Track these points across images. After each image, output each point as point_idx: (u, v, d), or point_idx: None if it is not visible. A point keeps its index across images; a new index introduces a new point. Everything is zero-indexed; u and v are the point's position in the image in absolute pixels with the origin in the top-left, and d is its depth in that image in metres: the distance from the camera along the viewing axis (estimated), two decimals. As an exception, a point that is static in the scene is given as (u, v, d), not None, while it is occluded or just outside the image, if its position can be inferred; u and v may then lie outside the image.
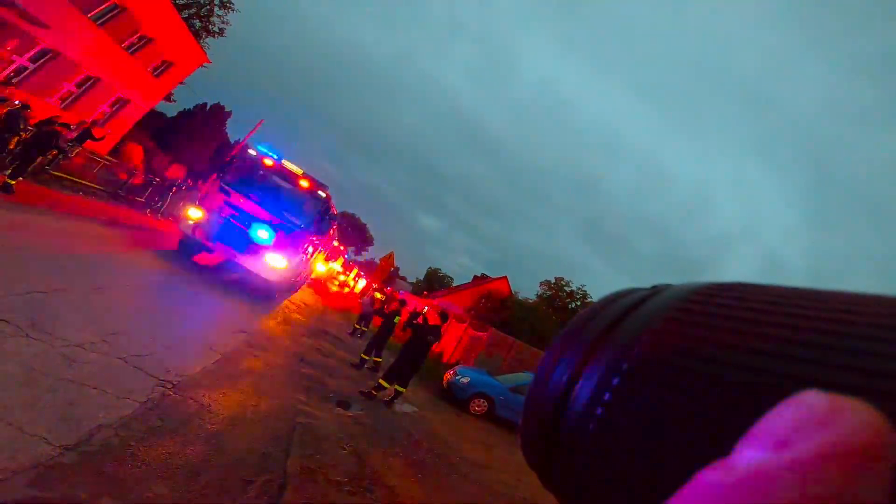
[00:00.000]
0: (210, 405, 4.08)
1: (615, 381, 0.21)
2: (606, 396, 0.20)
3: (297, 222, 9.83)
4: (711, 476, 0.14)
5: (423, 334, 7.41)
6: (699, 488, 0.14)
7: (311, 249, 11.53)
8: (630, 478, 0.19)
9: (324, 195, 10.40)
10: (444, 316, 7.78)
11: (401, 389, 7.25)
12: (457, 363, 14.38)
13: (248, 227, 9.39)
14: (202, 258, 10.12)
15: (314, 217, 10.21)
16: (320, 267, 19.55)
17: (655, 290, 0.25)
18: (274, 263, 9.50)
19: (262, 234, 9.44)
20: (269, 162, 10.04)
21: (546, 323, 27.52)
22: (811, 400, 0.14)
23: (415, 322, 7.74)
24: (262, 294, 10.18)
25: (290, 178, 10.23)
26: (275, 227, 9.55)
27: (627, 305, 0.24)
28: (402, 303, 10.43)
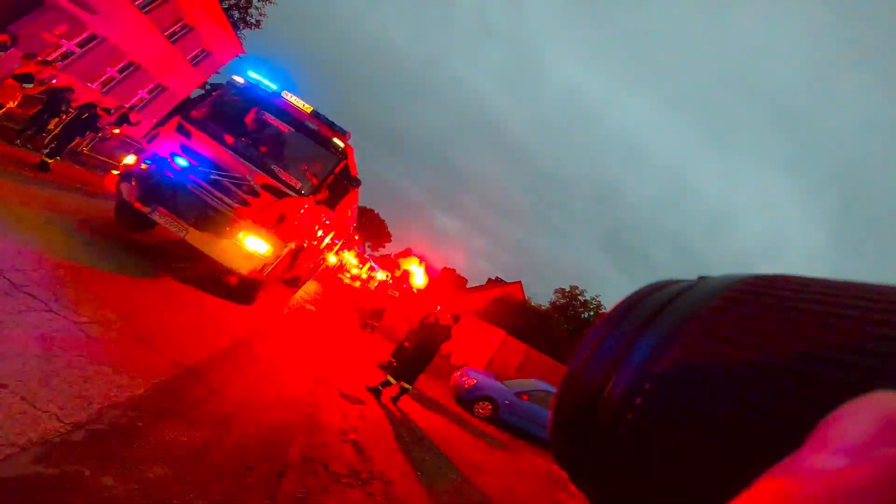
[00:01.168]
0: (219, 390, 4.20)
1: (658, 370, 0.19)
2: (647, 386, 0.19)
3: (296, 183, 6.44)
4: (778, 481, 0.13)
5: (434, 334, 7.41)
6: (765, 494, 0.13)
7: (318, 228, 8.58)
8: (672, 476, 0.17)
9: (342, 146, 6.96)
10: (456, 318, 7.82)
11: (406, 387, 7.28)
12: (464, 365, 14.35)
13: (213, 184, 6.07)
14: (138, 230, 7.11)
15: (324, 178, 6.79)
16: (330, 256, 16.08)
17: (696, 281, 0.23)
18: (252, 246, 6.22)
19: (230, 196, 6.12)
20: (259, 93, 6.84)
21: (558, 331, 27.29)
22: (888, 401, 0.13)
23: (426, 321, 7.78)
24: (235, 294, 6.95)
25: (292, 117, 6.88)
26: (255, 189, 6.21)
27: (670, 294, 0.23)
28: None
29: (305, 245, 8.04)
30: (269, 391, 4.83)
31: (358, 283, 31.50)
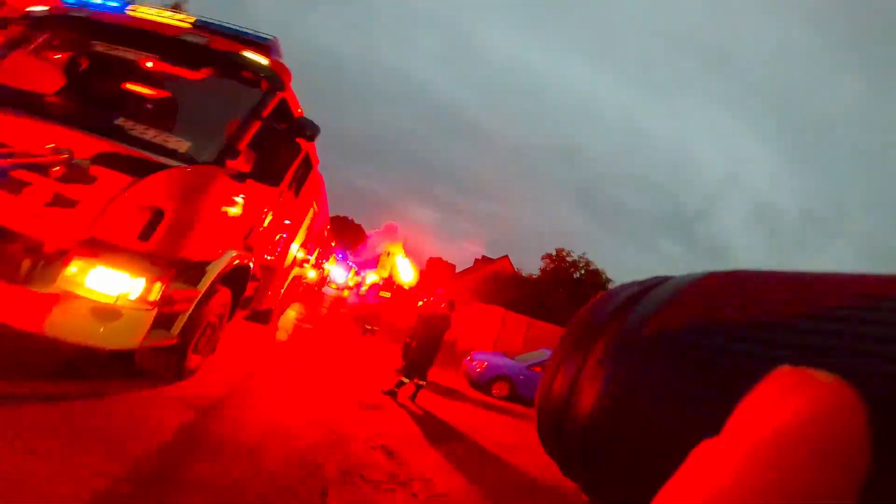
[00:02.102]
0: (242, 424, 4.19)
1: (620, 369, 0.21)
2: (612, 386, 0.21)
3: (179, 145, 3.57)
4: (702, 452, 0.15)
5: (434, 325, 7.44)
6: (693, 463, 0.15)
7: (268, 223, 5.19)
8: (641, 461, 0.20)
9: (266, 65, 4.00)
10: (451, 305, 7.85)
11: (420, 383, 7.30)
12: (471, 350, 14.50)
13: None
14: None
15: (243, 130, 3.80)
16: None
17: (653, 283, 0.26)
18: (101, 287, 3.15)
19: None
20: (86, 21, 4.02)
21: (554, 295, 27.61)
22: (784, 375, 0.16)
23: (423, 315, 7.80)
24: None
25: (157, 38, 3.95)
26: (84, 169, 3.20)
27: (629, 297, 0.25)
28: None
29: (251, 262, 4.90)
30: (289, 413, 4.84)
31: (346, 293, 31.00)
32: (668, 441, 0.19)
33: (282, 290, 7.97)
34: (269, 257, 5.97)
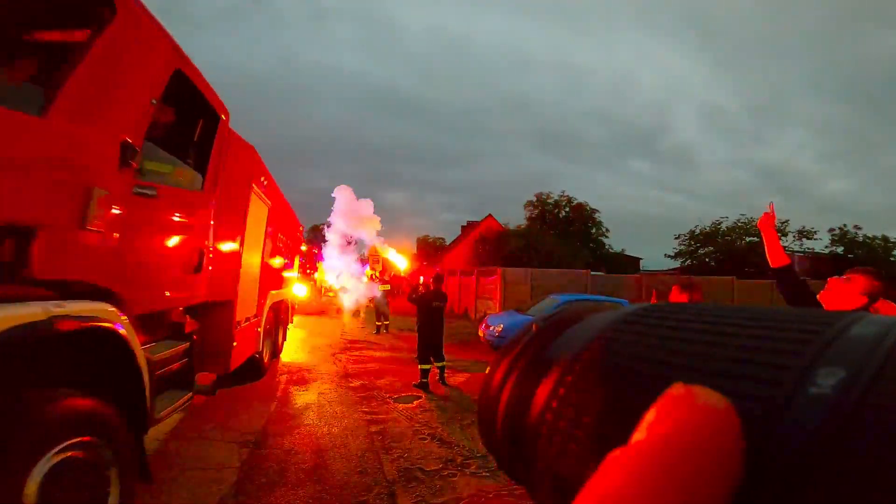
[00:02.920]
0: (292, 448, 4.37)
1: (560, 389, 0.23)
2: (553, 402, 0.23)
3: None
4: (609, 459, 0.17)
5: (429, 302, 7.34)
6: (603, 469, 0.17)
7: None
8: (567, 469, 0.22)
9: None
10: (438, 278, 7.69)
11: (441, 364, 7.35)
12: (485, 315, 14.66)
13: None
14: None
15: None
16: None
17: (578, 317, 0.29)
18: None
19: None
20: None
21: (545, 239, 27.85)
22: (677, 391, 0.18)
23: (414, 296, 7.65)
24: None
25: None
26: None
27: (559, 329, 0.28)
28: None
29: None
30: (332, 427, 5.03)
31: (331, 295, 30.12)
32: (589, 450, 0.21)
33: (259, 329, 6.27)
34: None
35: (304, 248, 12.64)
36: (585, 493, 0.17)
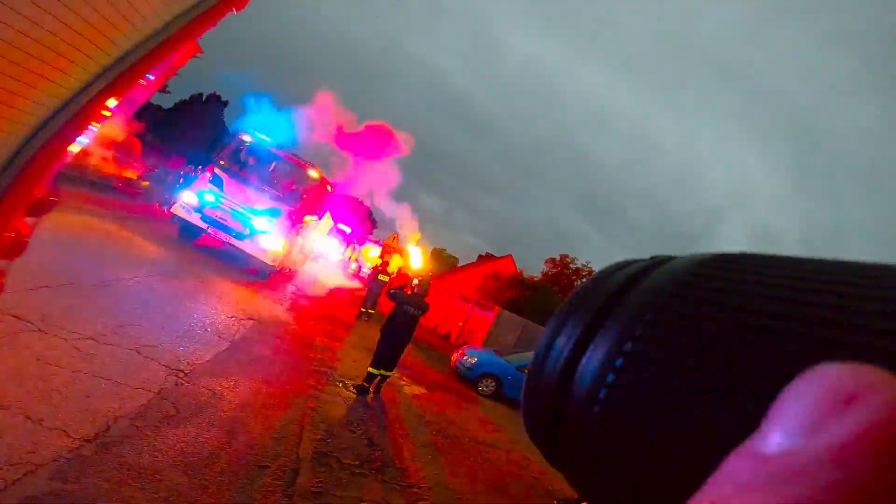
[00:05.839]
0: (222, 392, 4.17)
1: (625, 349, 0.19)
2: (618, 363, 0.19)
3: (288, 204, 10.70)
4: (742, 465, 0.13)
5: (403, 304, 6.34)
6: (731, 479, 0.13)
7: (308, 230, 12.25)
8: (643, 460, 0.17)
9: (317, 175, 11.39)
10: (425, 284, 6.73)
11: (386, 374, 6.40)
12: (464, 344, 14.48)
13: (241, 210, 10.19)
14: (203, 240, 10.69)
15: (306, 197, 11.12)
16: (322, 247, 18.39)
17: (661, 260, 0.23)
18: (269, 245, 10.30)
19: (255, 218, 10.22)
20: (260, 146, 10.94)
21: (554, 301, 27.60)
22: (833, 373, 0.13)
23: (392, 290, 6.71)
24: (257, 275, 10.49)
25: (282, 161, 11.11)
26: (267, 211, 10.33)
27: (633, 274, 0.22)
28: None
29: (300, 239, 11.52)
30: (272, 388, 4.81)
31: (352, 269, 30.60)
32: (682, 441, 0.16)
33: (301, 258, 14.27)
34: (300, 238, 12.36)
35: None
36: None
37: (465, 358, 10.73)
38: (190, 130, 32.50)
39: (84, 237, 6.73)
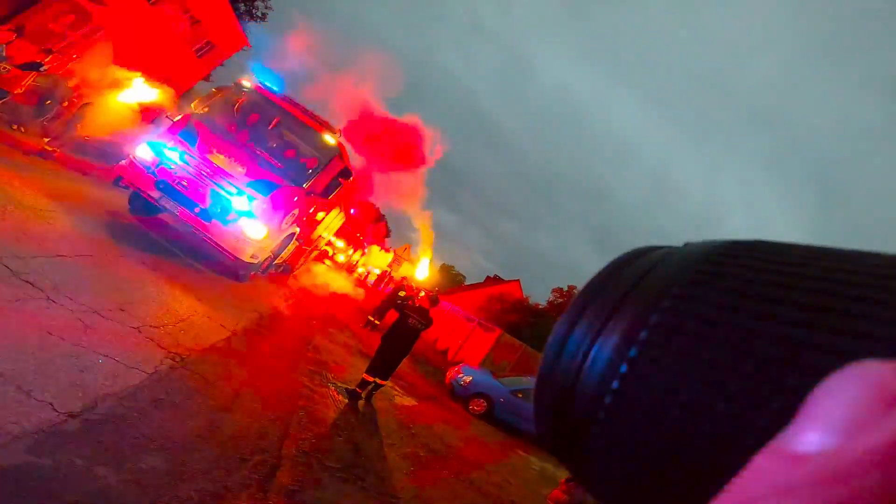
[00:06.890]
0: (215, 381, 4.21)
1: (640, 338, 0.18)
2: (631, 353, 0.18)
3: (287, 178, 7.07)
4: (774, 465, 0.12)
5: (408, 316, 6.32)
6: (762, 479, 0.12)
7: (315, 216, 9.25)
8: (655, 456, 0.16)
9: (333, 142, 7.72)
10: (434, 300, 6.71)
11: (381, 383, 6.36)
12: (461, 361, 14.39)
13: (215, 179, 6.59)
14: (152, 222, 7.56)
15: (316, 172, 7.53)
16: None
17: (675, 249, 0.22)
18: (249, 232, 6.70)
19: (235, 193, 6.62)
20: (260, 94, 7.56)
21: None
22: (876, 371, 0.12)
23: (398, 302, 6.75)
24: (229, 272, 7.47)
25: (288, 117, 7.70)
26: (254, 184, 6.70)
27: (650, 263, 0.21)
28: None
29: (299, 226, 8.21)
30: (266, 382, 4.84)
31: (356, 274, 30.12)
32: (699, 438, 0.15)
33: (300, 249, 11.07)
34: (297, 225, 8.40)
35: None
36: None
37: (460, 376, 10.68)
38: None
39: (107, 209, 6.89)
